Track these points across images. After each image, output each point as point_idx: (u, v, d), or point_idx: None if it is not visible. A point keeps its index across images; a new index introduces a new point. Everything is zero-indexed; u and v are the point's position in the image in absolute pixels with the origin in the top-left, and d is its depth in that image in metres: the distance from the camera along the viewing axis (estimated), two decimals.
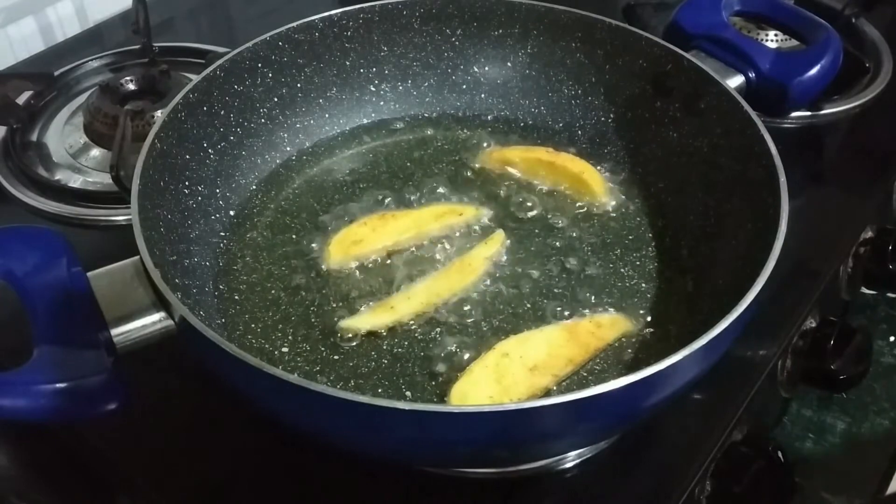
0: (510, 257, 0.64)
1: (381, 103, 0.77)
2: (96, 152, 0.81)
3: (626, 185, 0.70)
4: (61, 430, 0.58)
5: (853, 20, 0.95)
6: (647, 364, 0.43)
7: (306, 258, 0.64)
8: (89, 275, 0.51)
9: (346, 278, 0.62)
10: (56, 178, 0.78)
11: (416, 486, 0.55)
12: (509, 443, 0.46)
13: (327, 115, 0.75)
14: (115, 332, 0.49)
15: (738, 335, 0.48)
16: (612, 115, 0.74)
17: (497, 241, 0.64)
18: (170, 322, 0.49)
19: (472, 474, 0.55)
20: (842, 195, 0.80)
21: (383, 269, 0.63)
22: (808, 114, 0.85)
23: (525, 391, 0.53)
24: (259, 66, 0.69)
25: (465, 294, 0.61)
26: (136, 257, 0.50)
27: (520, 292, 0.62)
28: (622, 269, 0.63)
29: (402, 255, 0.64)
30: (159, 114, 0.73)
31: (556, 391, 0.54)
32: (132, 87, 0.85)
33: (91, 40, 0.98)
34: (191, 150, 0.64)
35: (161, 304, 0.49)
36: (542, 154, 0.71)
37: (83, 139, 0.82)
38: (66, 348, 0.47)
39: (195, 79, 0.65)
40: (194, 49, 0.93)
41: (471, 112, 0.77)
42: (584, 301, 0.61)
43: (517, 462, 0.55)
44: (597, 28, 0.72)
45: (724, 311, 0.46)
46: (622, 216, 0.68)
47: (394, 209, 0.68)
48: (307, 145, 0.74)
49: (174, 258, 0.58)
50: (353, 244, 0.64)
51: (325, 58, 0.73)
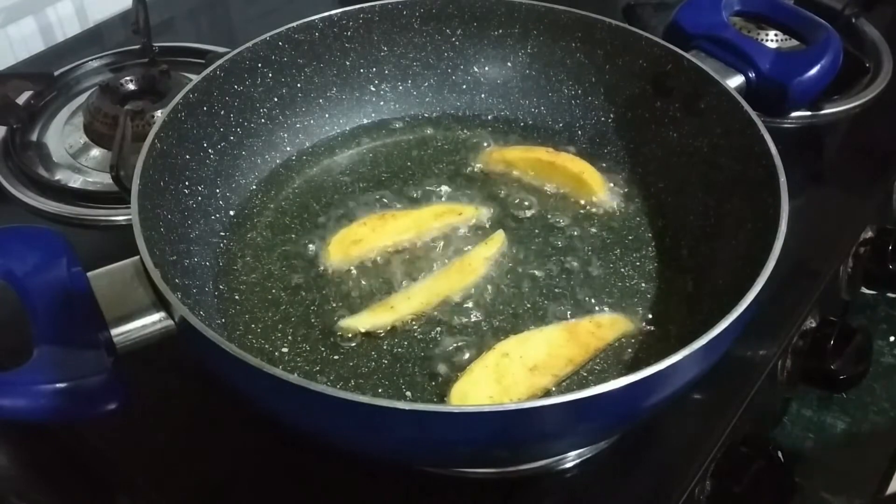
0: (510, 257, 0.64)
1: (381, 103, 0.77)
2: (96, 152, 0.81)
3: (626, 185, 0.70)
4: (61, 430, 0.58)
5: (853, 20, 0.95)
6: (647, 364, 0.43)
7: (306, 258, 0.64)
8: (89, 275, 0.51)
9: (345, 278, 0.62)
10: (56, 178, 0.78)
11: (416, 486, 0.55)
12: (509, 443, 0.46)
13: (327, 115, 0.75)
14: (115, 332, 0.49)
15: (738, 335, 0.48)
16: (612, 115, 0.74)
17: (497, 241, 0.64)
18: (170, 322, 0.49)
19: (472, 474, 0.55)
20: (842, 195, 0.80)
21: (383, 269, 0.63)
22: (808, 114, 0.85)
23: (525, 391, 0.53)
24: (259, 66, 0.69)
25: (465, 294, 0.61)
26: (136, 257, 0.50)
27: (520, 292, 0.62)
28: (622, 269, 0.63)
29: (402, 254, 0.64)
30: (159, 114, 0.73)
31: (556, 391, 0.54)
32: (132, 87, 0.85)
33: (91, 40, 0.98)
34: (191, 150, 0.64)
35: (161, 304, 0.49)
36: (542, 154, 0.71)
37: (83, 139, 0.82)
38: (66, 348, 0.47)
39: (195, 79, 0.65)
40: (194, 49, 0.93)
41: (471, 112, 0.77)
42: (584, 301, 0.61)
43: (517, 462, 0.55)
44: (597, 28, 0.72)
45: (724, 311, 0.46)
46: (622, 216, 0.68)
47: (393, 209, 0.68)
48: (307, 145, 0.74)
49: (174, 258, 0.58)
50: (352, 244, 0.64)
51: (325, 58, 0.73)
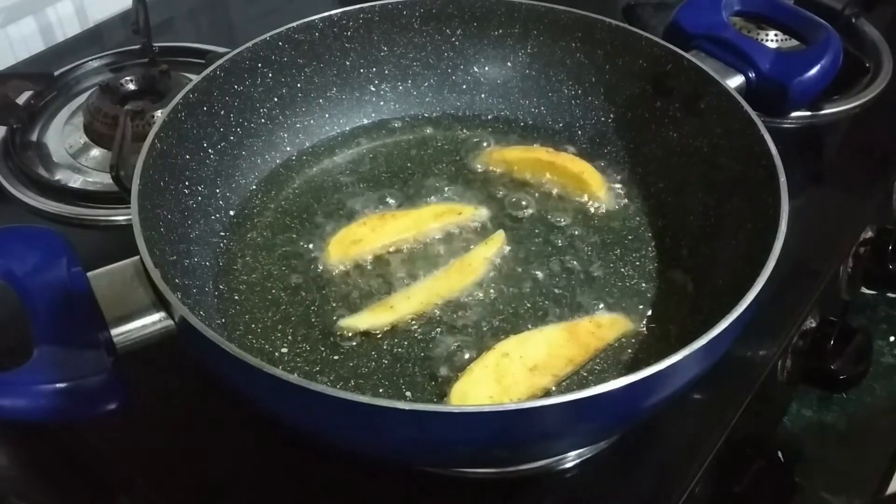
0: (510, 257, 0.64)
1: (381, 103, 0.77)
2: (96, 152, 0.81)
3: (626, 185, 0.70)
4: (61, 430, 0.58)
5: (853, 20, 0.95)
6: (647, 364, 0.43)
7: (306, 258, 0.64)
8: (89, 275, 0.51)
9: (345, 278, 0.62)
10: (56, 178, 0.78)
11: (416, 486, 0.55)
12: (509, 443, 0.46)
13: (327, 115, 0.75)
14: (115, 332, 0.49)
15: (738, 335, 0.48)
16: (612, 115, 0.74)
17: (497, 241, 0.64)
18: (170, 322, 0.49)
19: (472, 474, 0.55)
20: (842, 195, 0.80)
21: (383, 269, 0.63)
22: (808, 114, 0.85)
23: (525, 391, 0.53)
24: (259, 66, 0.69)
25: (465, 294, 0.61)
26: (136, 257, 0.50)
27: (520, 292, 0.62)
28: (622, 269, 0.63)
29: (402, 254, 0.64)
30: (159, 114, 0.73)
31: (556, 391, 0.54)
32: (132, 87, 0.85)
33: (91, 40, 0.98)
34: (191, 150, 0.64)
35: (161, 304, 0.49)
36: (542, 154, 0.71)
37: (83, 139, 0.82)
38: (66, 348, 0.47)
39: (195, 79, 0.65)
40: (194, 49, 0.93)
41: (471, 112, 0.77)
42: (584, 301, 0.61)
43: (517, 462, 0.55)
44: (597, 28, 0.72)
45: (724, 311, 0.46)
46: (622, 216, 0.68)
47: (393, 209, 0.68)
48: (307, 145, 0.74)
49: (174, 258, 0.58)
50: (352, 244, 0.64)
51: (325, 58, 0.73)
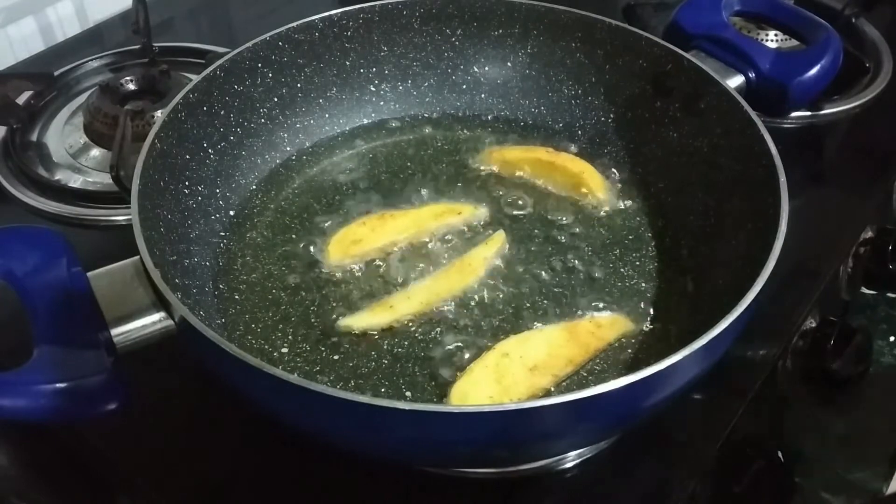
0: (510, 257, 0.64)
1: (381, 103, 0.77)
2: (96, 152, 0.80)
3: (626, 185, 0.70)
4: (61, 430, 0.58)
5: (853, 20, 0.95)
6: (647, 364, 0.43)
7: (306, 258, 0.64)
8: (89, 275, 0.51)
9: (345, 278, 0.62)
10: (56, 178, 0.78)
11: (416, 486, 0.55)
12: (509, 443, 0.46)
13: (327, 115, 0.75)
14: (115, 332, 0.49)
15: (738, 335, 0.48)
16: (612, 115, 0.74)
17: (497, 241, 0.64)
18: (170, 322, 0.49)
19: (472, 474, 0.55)
20: (842, 195, 0.80)
21: (383, 269, 0.63)
22: (808, 114, 0.85)
23: (525, 391, 0.53)
24: (259, 66, 0.69)
25: (465, 294, 0.61)
26: (136, 257, 0.50)
27: (520, 292, 0.62)
28: (622, 269, 0.63)
29: (402, 254, 0.64)
30: (159, 114, 0.73)
31: (556, 391, 0.54)
32: (132, 87, 0.85)
33: (91, 40, 0.98)
34: (191, 150, 0.64)
35: (161, 304, 0.49)
36: (542, 154, 0.71)
37: (83, 139, 0.82)
38: (66, 348, 0.47)
39: (195, 79, 0.65)
40: (194, 49, 0.93)
41: (471, 112, 0.77)
42: (584, 301, 0.61)
43: (517, 462, 0.54)
44: (597, 28, 0.72)
45: (724, 311, 0.46)
46: (622, 216, 0.68)
47: (393, 209, 0.68)
48: (307, 145, 0.74)
49: (174, 258, 0.58)
50: (352, 244, 0.64)
51: (325, 58, 0.73)
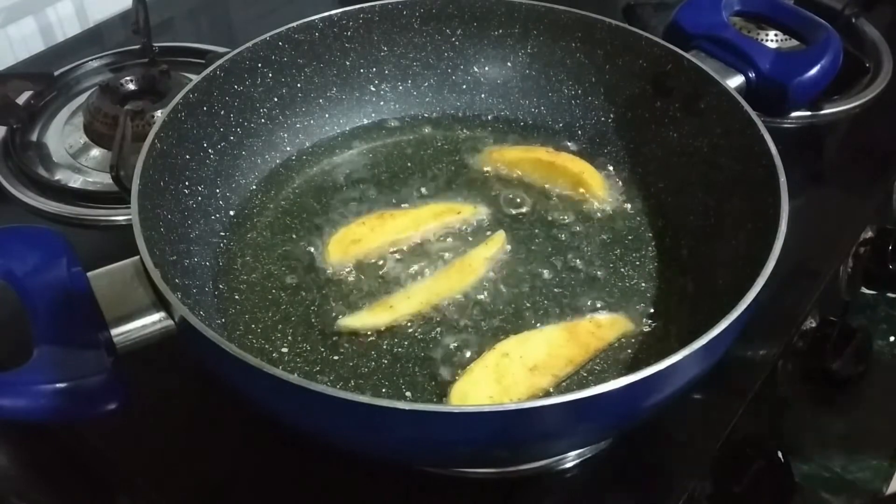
0: (510, 257, 0.64)
1: (381, 103, 0.77)
2: (96, 152, 0.80)
3: (626, 185, 0.70)
4: (61, 430, 0.58)
5: (853, 20, 0.95)
6: (647, 364, 0.43)
7: (306, 258, 0.64)
8: (89, 275, 0.51)
9: (345, 278, 0.62)
10: (56, 178, 0.78)
11: (416, 486, 0.55)
12: (509, 443, 0.46)
13: (327, 115, 0.75)
14: (115, 332, 0.49)
15: (738, 335, 0.48)
16: (612, 115, 0.74)
17: (497, 242, 0.64)
18: (170, 322, 0.49)
19: (472, 474, 0.55)
20: (842, 195, 0.80)
21: (383, 269, 0.63)
22: (808, 114, 0.85)
23: (525, 391, 0.53)
24: (259, 66, 0.69)
25: (465, 294, 0.61)
26: (136, 257, 0.50)
27: (520, 292, 0.62)
28: (622, 269, 0.63)
29: (402, 254, 0.64)
30: (159, 114, 0.73)
31: (556, 391, 0.54)
32: (132, 87, 0.85)
33: (91, 40, 0.98)
34: (191, 150, 0.64)
35: (161, 304, 0.49)
36: (542, 154, 0.71)
37: (83, 139, 0.82)
38: (66, 348, 0.47)
39: (195, 79, 0.65)
40: (194, 49, 0.93)
41: (471, 112, 0.77)
42: (584, 301, 0.61)
43: (517, 462, 0.55)
44: (597, 28, 0.72)
45: (724, 311, 0.46)
46: (622, 216, 0.68)
47: (393, 209, 0.68)
48: (307, 145, 0.74)
49: (174, 258, 0.58)
50: (352, 244, 0.64)
51: (325, 58, 0.73)
